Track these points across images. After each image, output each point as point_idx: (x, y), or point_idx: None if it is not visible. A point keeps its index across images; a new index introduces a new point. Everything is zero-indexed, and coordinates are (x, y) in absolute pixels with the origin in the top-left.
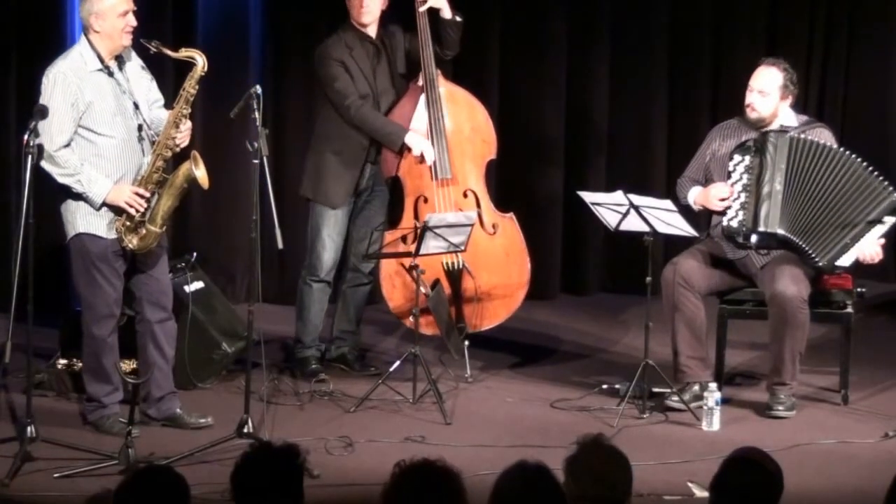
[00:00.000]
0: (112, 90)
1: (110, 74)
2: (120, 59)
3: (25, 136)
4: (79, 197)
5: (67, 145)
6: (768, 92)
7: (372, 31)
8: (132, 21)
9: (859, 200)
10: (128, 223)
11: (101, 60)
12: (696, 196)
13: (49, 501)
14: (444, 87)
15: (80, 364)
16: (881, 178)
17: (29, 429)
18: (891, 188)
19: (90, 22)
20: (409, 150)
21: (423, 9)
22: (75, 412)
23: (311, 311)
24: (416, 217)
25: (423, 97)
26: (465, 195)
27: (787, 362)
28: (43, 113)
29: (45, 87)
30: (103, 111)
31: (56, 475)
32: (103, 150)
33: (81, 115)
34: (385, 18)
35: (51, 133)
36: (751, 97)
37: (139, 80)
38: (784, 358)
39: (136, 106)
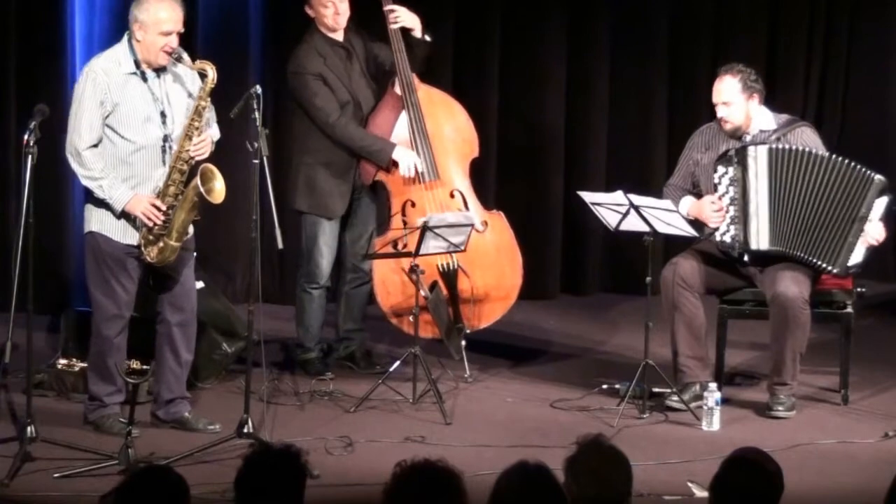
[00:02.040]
0: (142, 95)
1: (144, 79)
2: (162, 67)
3: (25, 136)
4: (98, 196)
5: (96, 145)
6: (731, 101)
7: (340, 35)
8: (173, 42)
9: (848, 197)
10: (149, 236)
11: (138, 65)
12: (689, 208)
13: (49, 501)
14: (422, 91)
15: (80, 364)
16: (861, 168)
17: (29, 429)
18: (870, 172)
19: (133, 28)
20: (397, 165)
21: (395, 27)
22: (75, 412)
23: (312, 316)
24: (405, 222)
25: (401, 102)
26: (451, 195)
27: (788, 362)
28: (43, 113)
29: (79, 83)
30: (128, 115)
31: (56, 475)
32: (122, 154)
33: (108, 114)
34: (348, 20)
35: (80, 130)
36: (720, 112)
37: (180, 90)
38: (785, 358)
39: (164, 115)
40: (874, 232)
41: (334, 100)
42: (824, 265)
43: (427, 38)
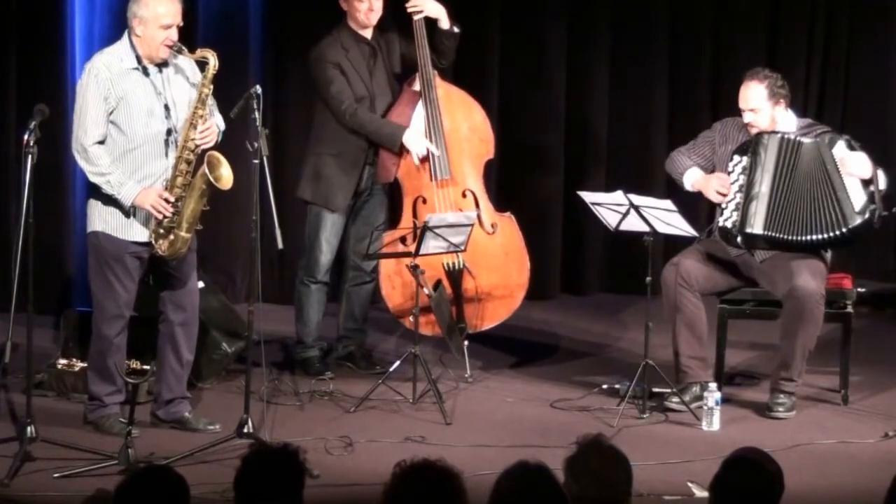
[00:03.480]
0: (145, 90)
1: (146, 74)
2: (163, 61)
3: (25, 136)
4: (102, 194)
5: (102, 141)
6: (759, 108)
7: (368, 32)
8: (173, 35)
9: (814, 169)
10: (160, 229)
11: (139, 60)
12: (695, 180)
13: (49, 501)
14: (441, 88)
15: (80, 364)
16: (791, 137)
17: (29, 429)
18: (797, 138)
19: (133, 24)
20: (408, 151)
21: (418, 17)
22: (75, 412)
23: (310, 311)
24: (416, 217)
25: (418, 98)
26: (463, 195)
27: (797, 358)
28: (43, 112)
29: (82, 80)
30: (132, 109)
31: (56, 475)
32: (127, 149)
33: (112, 110)
34: (380, 19)
35: (86, 126)
36: (746, 118)
37: (182, 83)
38: (795, 353)
39: (168, 108)
40: (856, 167)
41: (349, 89)
42: (840, 231)
43: (455, 28)
